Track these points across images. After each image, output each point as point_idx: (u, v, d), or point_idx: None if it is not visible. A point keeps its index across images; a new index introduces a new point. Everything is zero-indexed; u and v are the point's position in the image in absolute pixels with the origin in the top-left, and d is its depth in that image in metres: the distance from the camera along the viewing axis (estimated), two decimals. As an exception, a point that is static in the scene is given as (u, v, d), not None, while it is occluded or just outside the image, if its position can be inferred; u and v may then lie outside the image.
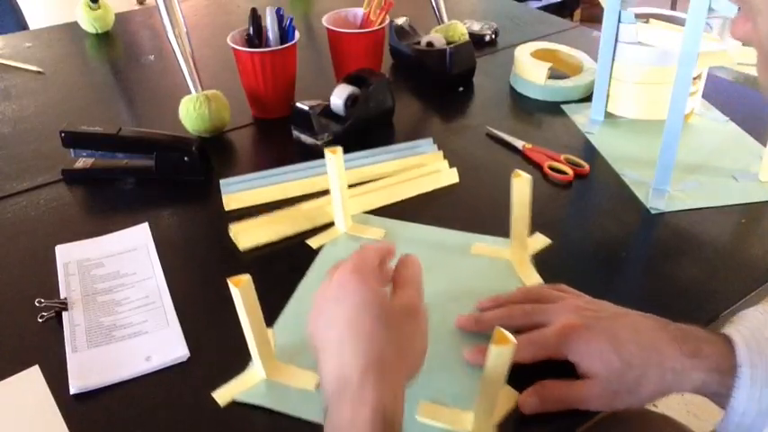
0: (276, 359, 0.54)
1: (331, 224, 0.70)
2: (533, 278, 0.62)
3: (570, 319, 0.50)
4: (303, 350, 0.54)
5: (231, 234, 0.66)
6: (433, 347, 0.54)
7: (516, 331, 0.45)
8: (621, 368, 0.47)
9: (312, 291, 0.60)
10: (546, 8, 2.60)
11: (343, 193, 0.67)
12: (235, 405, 0.51)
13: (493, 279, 0.63)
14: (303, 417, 0.50)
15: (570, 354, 0.49)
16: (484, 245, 0.67)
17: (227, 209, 0.73)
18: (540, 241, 0.67)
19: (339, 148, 0.64)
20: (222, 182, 0.76)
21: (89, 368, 0.54)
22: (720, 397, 0.47)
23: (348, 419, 0.39)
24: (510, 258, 0.65)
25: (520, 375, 0.48)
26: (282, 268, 0.65)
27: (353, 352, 0.42)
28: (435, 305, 0.57)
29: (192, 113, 0.84)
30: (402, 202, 0.74)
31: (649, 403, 0.48)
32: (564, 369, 0.50)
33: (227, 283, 0.63)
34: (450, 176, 0.77)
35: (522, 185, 0.60)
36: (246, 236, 0.65)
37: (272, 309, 0.59)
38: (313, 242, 0.68)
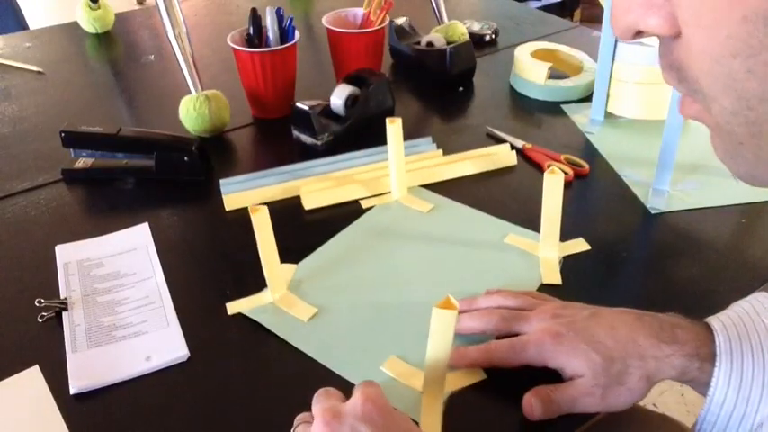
0: (288, 289, 0.61)
1: (388, 192, 0.74)
2: (552, 279, 0.61)
3: (546, 326, 0.51)
4: (315, 289, 0.62)
5: (300, 194, 0.72)
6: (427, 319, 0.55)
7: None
8: (603, 363, 0.47)
9: (345, 241, 0.68)
10: (546, 8, 2.60)
11: (398, 162, 0.71)
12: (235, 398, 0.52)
13: (516, 273, 0.63)
14: (291, 342, 0.56)
15: (550, 360, 0.49)
16: (519, 237, 0.67)
17: (227, 209, 0.73)
18: (579, 245, 0.66)
19: (398, 119, 0.69)
20: (222, 182, 0.76)
21: (89, 368, 0.54)
22: (702, 386, 0.47)
23: None
24: (540, 255, 0.64)
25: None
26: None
27: None
28: (454, 281, 0.62)
29: (191, 113, 0.84)
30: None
31: (643, 396, 0.48)
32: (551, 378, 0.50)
33: (226, 283, 0.64)
34: (508, 158, 0.80)
35: (554, 183, 0.58)
36: (311, 197, 0.73)
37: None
38: (365, 203, 0.73)
